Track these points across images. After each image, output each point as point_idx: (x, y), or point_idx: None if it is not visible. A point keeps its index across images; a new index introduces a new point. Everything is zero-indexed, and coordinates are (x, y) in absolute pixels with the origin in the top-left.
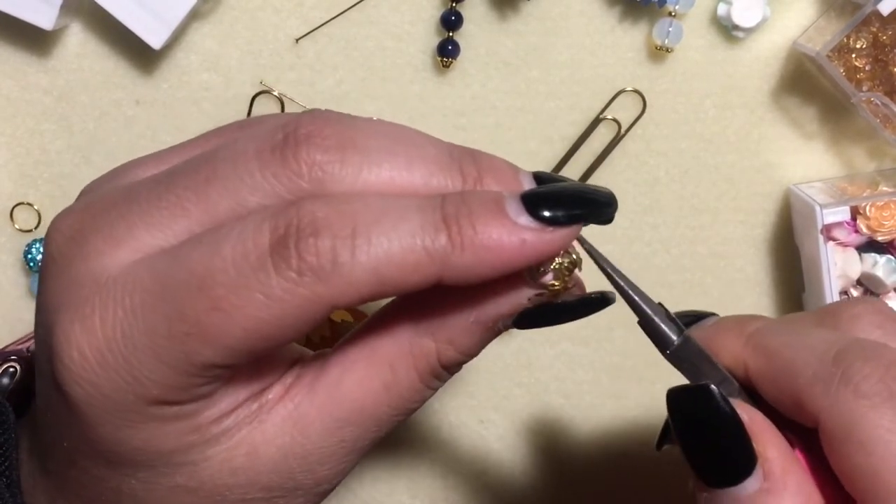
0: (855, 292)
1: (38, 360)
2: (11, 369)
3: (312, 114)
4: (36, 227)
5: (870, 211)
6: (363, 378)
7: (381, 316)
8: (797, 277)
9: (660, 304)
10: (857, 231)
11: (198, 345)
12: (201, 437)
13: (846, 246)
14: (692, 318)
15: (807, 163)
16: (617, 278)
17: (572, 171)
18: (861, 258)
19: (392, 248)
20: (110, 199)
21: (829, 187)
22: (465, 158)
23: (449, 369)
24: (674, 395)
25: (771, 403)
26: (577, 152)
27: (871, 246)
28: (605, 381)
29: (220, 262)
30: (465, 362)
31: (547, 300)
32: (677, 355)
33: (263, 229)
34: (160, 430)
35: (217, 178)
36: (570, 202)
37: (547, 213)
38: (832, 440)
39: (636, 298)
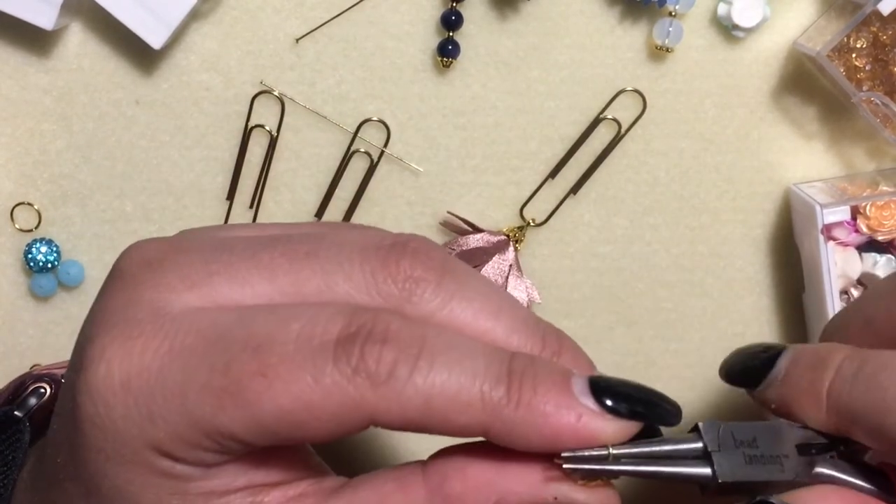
0: (855, 292)
1: (68, 369)
2: (42, 390)
3: (425, 238)
4: (36, 227)
5: (870, 210)
6: None
7: (405, 466)
8: (797, 277)
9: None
10: (857, 231)
11: (229, 405)
12: None
13: (846, 246)
14: (750, 367)
15: (807, 163)
16: (639, 470)
17: (572, 171)
18: (861, 258)
19: (450, 381)
20: (202, 243)
21: (829, 187)
22: (550, 332)
23: None
24: None
25: (870, 445)
26: (577, 152)
27: (871, 246)
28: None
29: (283, 334)
30: None
31: (575, 496)
32: (721, 492)
33: (337, 321)
34: (146, 479)
35: (317, 258)
36: (636, 399)
37: (610, 402)
38: None
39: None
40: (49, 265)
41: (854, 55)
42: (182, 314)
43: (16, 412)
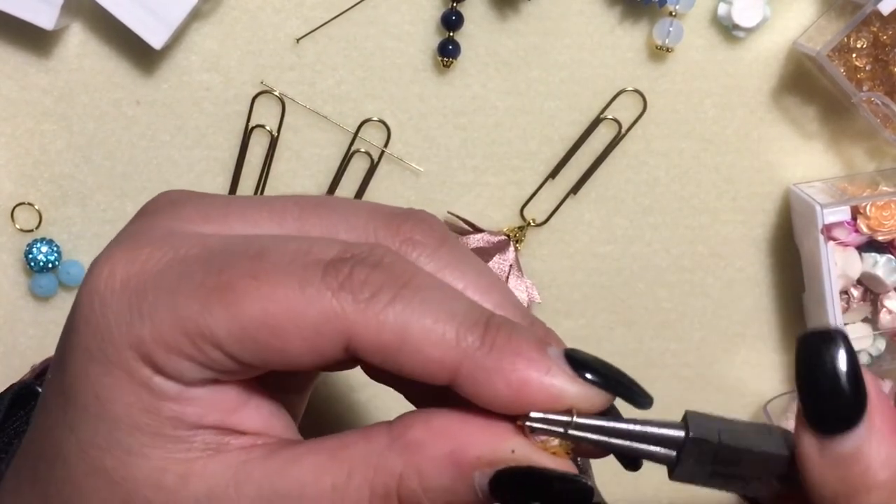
0: (855, 292)
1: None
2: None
3: (433, 214)
4: (36, 228)
5: (870, 210)
6: (319, 467)
7: (373, 424)
8: (797, 277)
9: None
10: (857, 231)
11: (216, 304)
12: (152, 424)
13: (846, 245)
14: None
15: (807, 163)
16: (607, 444)
17: (572, 171)
18: (861, 258)
19: (427, 316)
20: (222, 196)
21: (829, 187)
22: (540, 322)
23: None
24: (805, 338)
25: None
26: (577, 152)
27: (871, 245)
28: None
29: (280, 248)
30: None
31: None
32: (687, 450)
33: (334, 246)
34: (123, 386)
35: (325, 209)
36: (608, 375)
37: (581, 370)
38: None
39: (622, 441)
40: (49, 265)
41: (854, 55)
42: (194, 234)
43: (37, 387)
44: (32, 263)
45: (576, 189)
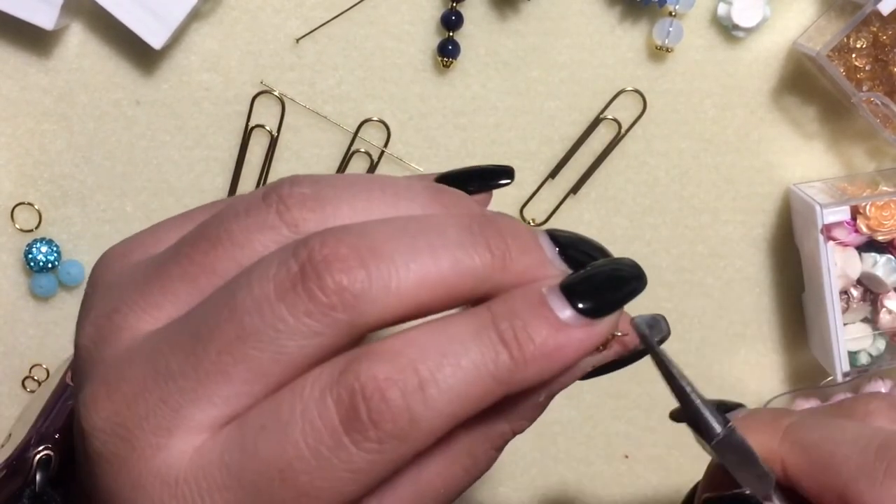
0: (855, 292)
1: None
2: (45, 458)
3: (322, 235)
4: (36, 227)
5: (870, 210)
6: (442, 469)
7: None
8: (797, 277)
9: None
10: (857, 231)
11: None
12: None
13: (846, 245)
14: (719, 406)
15: (807, 163)
16: (668, 366)
17: (572, 171)
18: (861, 258)
19: (462, 388)
20: (138, 377)
21: (829, 187)
22: (487, 230)
23: (520, 433)
24: (712, 502)
25: (811, 499)
26: (577, 152)
27: (871, 245)
28: (605, 381)
29: (294, 450)
30: None
31: (605, 357)
32: (720, 447)
33: (328, 404)
34: None
35: (248, 334)
36: (606, 286)
37: (587, 306)
38: None
39: (685, 388)
40: (49, 265)
41: (854, 55)
42: (189, 472)
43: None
44: (32, 263)
45: (576, 189)
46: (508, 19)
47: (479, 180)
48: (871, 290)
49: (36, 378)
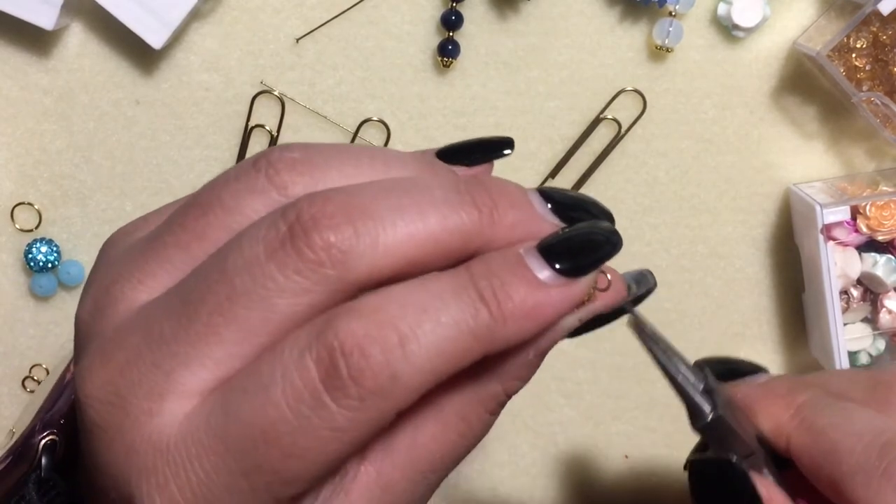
0: (855, 292)
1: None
2: (50, 442)
3: (311, 196)
4: (36, 227)
5: (870, 210)
6: (437, 433)
7: None
8: (797, 277)
9: (704, 362)
10: (857, 231)
11: (280, 487)
12: None
13: (846, 245)
14: (737, 368)
15: (807, 163)
16: (653, 347)
17: (572, 171)
18: (861, 258)
19: (442, 344)
20: (132, 344)
21: (829, 187)
22: (474, 189)
23: (513, 394)
24: (696, 466)
25: (808, 477)
26: (577, 152)
27: (871, 245)
28: (605, 381)
29: (275, 411)
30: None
31: (591, 310)
32: (706, 430)
33: (307, 363)
34: None
35: (239, 294)
36: (583, 247)
37: (565, 266)
38: None
39: (670, 369)
40: (49, 265)
41: (854, 55)
42: (179, 437)
43: (42, 474)
44: (32, 263)
45: (576, 189)
46: (508, 19)
47: (481, 152)
48: (871, 290)
49: (36, 378)
